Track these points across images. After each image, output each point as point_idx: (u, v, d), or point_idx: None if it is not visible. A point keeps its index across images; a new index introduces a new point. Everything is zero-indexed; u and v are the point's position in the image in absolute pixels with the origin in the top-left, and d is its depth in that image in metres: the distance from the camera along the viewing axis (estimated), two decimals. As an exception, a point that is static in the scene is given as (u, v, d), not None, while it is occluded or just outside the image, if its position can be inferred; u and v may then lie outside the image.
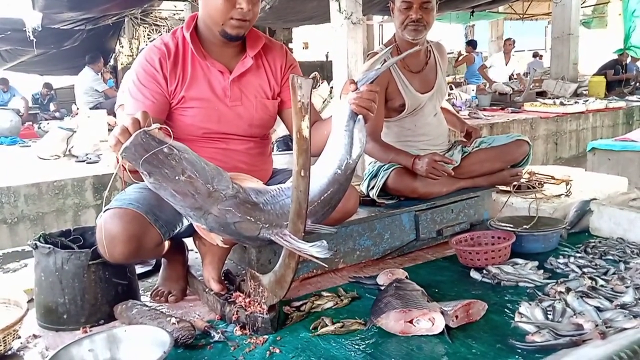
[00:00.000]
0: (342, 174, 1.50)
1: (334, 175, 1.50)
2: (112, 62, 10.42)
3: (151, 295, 1.91)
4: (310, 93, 1.34)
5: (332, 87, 4.76)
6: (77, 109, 7.50)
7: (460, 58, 10.84)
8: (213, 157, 1.75)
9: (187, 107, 1.74)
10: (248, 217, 1.42)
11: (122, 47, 10.26)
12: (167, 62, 1.71)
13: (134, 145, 1.28)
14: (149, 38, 10.24)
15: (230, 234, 1.46)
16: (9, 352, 1.55)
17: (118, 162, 1.33)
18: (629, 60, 9.30)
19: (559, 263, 1.98)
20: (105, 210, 1.60)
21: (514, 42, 9.45)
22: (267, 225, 1.44)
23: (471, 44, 10.64)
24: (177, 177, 1.34)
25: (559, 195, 2.73)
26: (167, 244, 1.80)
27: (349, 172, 1.51)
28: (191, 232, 1.83)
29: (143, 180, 1.38)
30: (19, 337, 1.62)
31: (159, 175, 1.33)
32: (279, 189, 1.53)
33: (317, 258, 1.39)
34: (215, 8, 1.66)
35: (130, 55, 9.89)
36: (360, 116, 1.51)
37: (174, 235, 1.77)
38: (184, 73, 1.73)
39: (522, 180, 2.76)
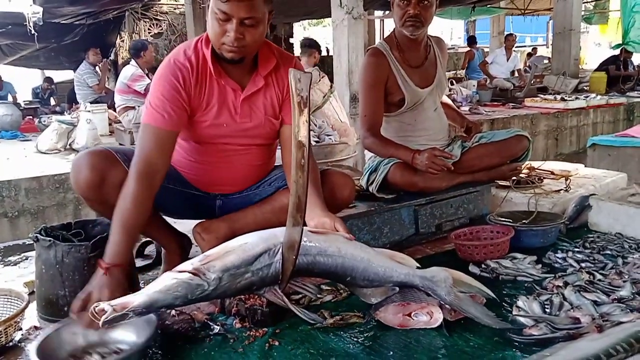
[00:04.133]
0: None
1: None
2: (112, 56, 10.40)
3: (151, 288, 1.92)
4: (310, 87, 1.34)
5: (332, 85, 4.72)
6: (75, 104, 7.49)
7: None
8: (215, 159, 1.83)
9: (199, 121, 1.75)
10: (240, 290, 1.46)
11: (123, 41, 10.22)
12: (190, 79, 1.69)
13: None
14: (149, 32, 10.21)
15: None
16: (11, 344, 1.57)
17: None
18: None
19: (558, 258, 1.99)
20: None
21: (515, 37, 9.43)
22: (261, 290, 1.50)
23: (469, 40, 10.66)
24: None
25: (558, 191, 2.73)
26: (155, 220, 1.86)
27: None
28: (180, 212, 1.94)
29: None
30: (21, 329, 1.63)
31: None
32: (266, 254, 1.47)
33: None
34: (211, 32, 1.65)
35: (130, 50, 9.86)
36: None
37: (162, 209, 1.85)
38: (203, 91, 1.73)
39: (522, 175, 2.77)
